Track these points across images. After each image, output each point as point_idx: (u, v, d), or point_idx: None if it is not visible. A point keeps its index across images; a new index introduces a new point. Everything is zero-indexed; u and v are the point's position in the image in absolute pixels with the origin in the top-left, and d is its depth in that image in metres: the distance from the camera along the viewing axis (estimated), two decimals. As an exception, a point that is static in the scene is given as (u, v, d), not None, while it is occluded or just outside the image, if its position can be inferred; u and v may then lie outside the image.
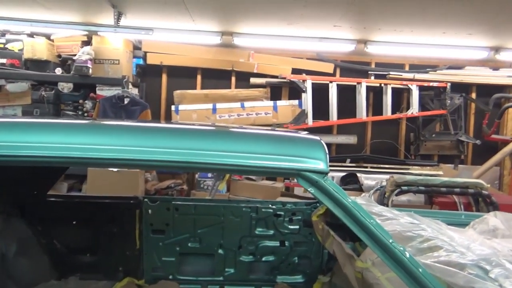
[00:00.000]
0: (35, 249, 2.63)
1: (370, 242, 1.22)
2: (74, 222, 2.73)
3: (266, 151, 1.30)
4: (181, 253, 2.74)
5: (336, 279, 2.58)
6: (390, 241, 1.18)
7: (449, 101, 5.64)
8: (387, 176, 4.55)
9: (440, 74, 5.87)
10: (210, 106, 5.22)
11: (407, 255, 1.16)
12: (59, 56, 4.76)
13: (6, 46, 4.71)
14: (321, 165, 1.28)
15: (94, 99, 4.69)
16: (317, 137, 1.43)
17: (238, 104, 5.26)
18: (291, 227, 2.75)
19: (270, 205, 2.76)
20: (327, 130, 5.70)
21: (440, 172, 5.35)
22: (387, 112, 5.53)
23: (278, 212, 2.75)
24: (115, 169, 4.18)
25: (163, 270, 2.75)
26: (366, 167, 5.39)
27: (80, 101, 4.72)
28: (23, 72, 4.64)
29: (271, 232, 2.76)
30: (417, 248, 1.54)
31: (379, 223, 1.21)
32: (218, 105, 5.22)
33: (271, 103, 5.37)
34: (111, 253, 2.72)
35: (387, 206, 4.31)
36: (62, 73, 4.70)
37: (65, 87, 4.64)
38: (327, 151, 1.33)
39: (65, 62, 4.78)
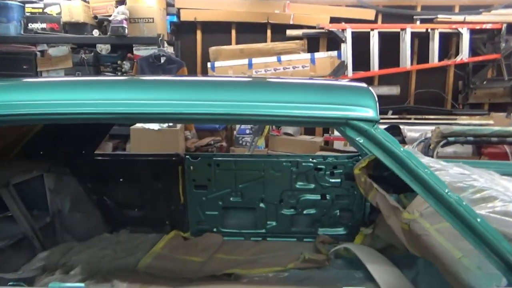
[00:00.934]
0: (87, 205, 2.80)
1: (423, 193, 1.15)
2: (121, 180, 2.85)
3: (311, 100, 1.24)
4: (224, 207, 2.81)
5: (379, 231, 2.56)
6: (446, 191, 1.12)
7: (503, 44, 5.18)
8: (432, 128, 4.36)
9: (494, 14, 5.35)
10: (246, 61, 5.12)
11: (465, 205, 1.09)
12: (95, 17, 4.79)
13: (45, 10, 4.78)
14: (370, 113, 1.20)
15: (132, 59, 4.73)
16: (364, 84, 1.34)
17: (274, 58, 5.12)
18: (333, 180, 2.72)
19: (310, 159, 2.72)
20: (368, 81, 5.35)
21: (491, 122, 5.04)
22: (434, 59, 5.18)
23: (319, 166, 2.71)
24: (156, 128, 4.28)
25: (207, 223, 2.85)
26: (410, 118, 5.17)
27: (119, 62, 4.78)
28: (62, 35, 4.72)
29: (312, 186, 2.74)
30: (469, 199, 1.46)
31: (434, 173, 1.15)
32: (254, 60, 5.11)
33: (308, 55, 5.18)
34: (157, 208, 2.84)
35: (432, 157, 4.16)
36: (99, 34, 4.74)
37: (103, 48, 4.70)
38: (376, 98, 1.25)
39: (101, 23, 4.80)
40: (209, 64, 5.22)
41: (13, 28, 4.69)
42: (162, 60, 4.57)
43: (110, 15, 4.67)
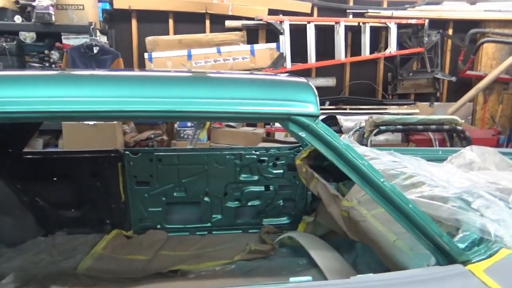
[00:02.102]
0: (17, 207, 2.59)
1: (361, 183, 1.23)
2: (55, 179, 2.67)
3: (253, 96, 1.25)
4: (168, 202, 2.76)
5: (320, 218, 2.68)
6: (382, 180, 1.20)
7: (426, 39, 5.61)
8: (366, 117, 4.62)
9: (418, 10, 5.77)
10: (185, 52, 5.02)
11: (397, 192, 1.19)
12: (17, 2, 4.37)
13: (-44, -7, 4.28)
14: (311, 108, 1.24)
15: (61, 49, 4.41)
16: (305, 80, 1.37)
17: (214, 49, 5.08)
18: (275, 171, 2.79)
19: (253, 151, 2.76)
20: (306, 73, 5.62)
21: (417, 111, 5.46)
22: (366, 52, 5.48)
23: (262, 158, 2.76)
24: (91, 123, 4.05)
25: (150, 220, 2.78)
26: (345, 109, 5.43)
27: (46, 51, 4.42)
28: (-23, 22, 4.27)
29: (256, 177, 2.79)
30: (401, 185, 1.58)
31: (371, 164, 1.22)
32: (193, 51, 5.02)
33: (248, 47, 5.21)
34: (96, 207, 2.72)
35: (367, 146, 4.42)
36: (22, 21, 4.34)
37: (27, 36, 4.32)
38: (316, 93, 1.29)
39: (24, 9, 4.40)
40: (146, 55, 5.04)
41: None
42: (95, 50, 4.32)
43: (34, 0, 4.30)
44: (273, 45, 5.27)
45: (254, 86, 1.31)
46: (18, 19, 4.33)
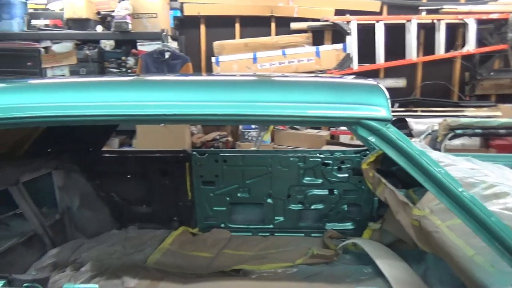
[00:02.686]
0: (96, 202, 2.81)
1: (437, 192, 1.14)
2: (128, 176, 2.86)
3: (322, 100, 1.22)
4: (232, 202, 2.81)
5: (387, 226, 2.55)
6: (460, 190, 1.11)
7: (511, 34, 5.11)
8: (439, 120, 4.32)
9: (501, 4, 5.28)
10: (250, 55, 5.09)
11: (479, 204, 1.08)
12: (99, 13, 4.77)
13: (47, 6, 4.77)
14: (382, 112, 1.18)
15: (136, 55, 4.71)
16: (375, 82, 1.32)
17: (279, 52, 5.09)
18: (340, 175, 2.71)
19: (317, 154, 2.72)
20: (373, 74, 5.40)
21: (498, 113, 5.00)
22: (440, 50, 5.13)
23: (326, 161, 2.71)
24: (161, 124, 4.27)
25: (215, 219, 2.85)
26: (416, 111, 5.13)
27: (123, 57, 4.76)
28: (65, 31, 4.71)
29: (320, 181, 2.74)
30: (481, 195, 1.45)
31: (448, 171, 1.13)
32: (259, 54, 5.08)
33: (313, 48, 5.14)
34: (165, 204, 2.85)
35: (440, 151, 4.14)
36: (102, 30, 4.72)
37: (107, 44, 4.69)
38: (388, 97, 1.23)
39: (104, 19, 4.78)
40: (213, 59, 5.20)
41: (16, 24, 4.68)
42: (167, 55, 4.55)
43: (113, 11, 4.64)
44: (339, 46, 5.15)
45: (322, 89, 1.28)
46: (99, 28, 4.71)
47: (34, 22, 4.70)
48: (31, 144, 2.62)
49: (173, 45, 5.12)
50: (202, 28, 5.60)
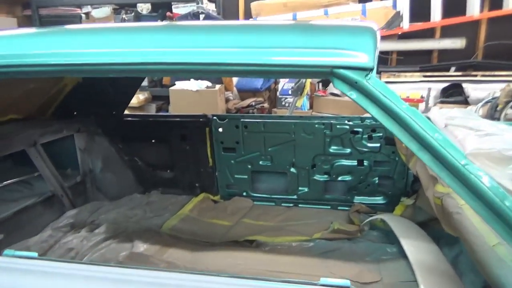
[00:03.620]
0: (118, 165, 2.83)
1: (433, 163, 0.91)
2: (152, 141, 2.83)
3: (287, 45, 0.97)
4: (253, 171, 2.70)
5: (422, 202, 2.29)
6: (463, 162, 0.85)
7: None
8: (502, 86, 3.80)
9: None
10: (290, 16, 4.78)
11: (488, 182, 0.83)
12: (135, -24, 4.71)
13: (88, -29, 4.79)
14: (361, 58, 0.91)
15: (171, 18, 4.62)
16: (365, 24, 1.04)
17: (321, 11, 4.71)
18: (371, 145, 2.46)
19: (346, 121, 2.47)
20: (427, 34, 4.84)
21: None
22: (509, 4, 4.42)
23: (356, 129, 2.46)
24: (194, 89, 4.20)
25: (236, 187, 2.77)
26: (476, 75, 4.55)
27: (159, 21, 4.69)
28: (105, -4, 4.72)
29: (348, 150, 2.51)
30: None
31: (448, 138, 0.87)
32: (299, 15, 4.74)
33: (359, 6, 4.69)
34: (187, 170, 2.80)
35: (499, 120, 3.66)
36: (140, -7, 4.67)
37: (144, 8, 4.63)
38: (376, 39, 0.96)
39: (141, -18, 4.72)
40: (251, 20, 4.95)
41: (59, -10, 4.78)
42: (201, 18, 4.40)
43: (150, -27, 4.55)
44: (389, 2, 4.64)
45: (290, 33, 1.04)
46: (136, -9, 4.66)
47: (75, -13, 4.76)
48: (56, 107, 2.66)
49: (211, 6, 4.94)
50: (241, -12, 5.34)
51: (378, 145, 2.46)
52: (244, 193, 2.78)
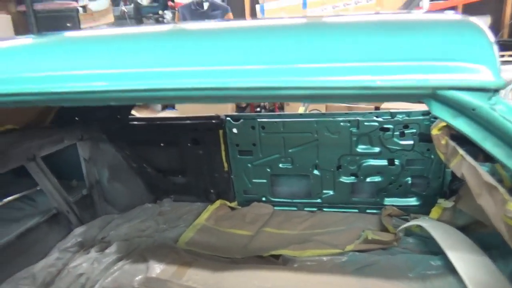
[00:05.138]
0: (127, 173, 2.62)
1: None
2: (161, 144, 2.61)
3: (356, 57, 0.66)
4: (272, 174, 2.48)
5: (463, 205, 2.05)
6: None
7: None
8: (534, 66, 3.52)
9: None
10: (299, 0, 4.48)
11: None
12: (132, -36, 4.43)
13: (82, -39, 4.50)
14: (482, 73, 0.62)
15: (173, 7, 4.34)
16: (466, 18, 0.76)
17: (333, -8, 4.41)
18: (403, 142, 2.23)
19: (374, 117, 2.23)
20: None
21: None
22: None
23: (386, 126, 2.22)
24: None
25: (255, 192, 2.57)
26: (503, 56, 4.25)
27: (160, 12, 4.42)
28: (102, -13, 4.45)
29: (377, 149, 2.28)
30: None
31: None
32: (308, -2, 4.45)
33: (374, -14, 4.38)
34: (200, 175, 2.60)
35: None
36: (139, -17, 4.40)
37: (144, -2, 4.36)
38: (493, 42, 0.68)
39: (140, -30, 4.44)
40: (258, 7, 4.66)
41: (53, -17, 4.51)
42: (205, 6, 4.13)
43: (149, -39, 4.27)
44: (406, -19, 4.33)
45: (360, 39, 0.70)
46: (135, -20, 4.39)
47: (70, -21, 4.49)
48: (56, 114, 2.44)
49: (214, -6, 4.65)
50: (246, -28, 5.04)
51: (411, 142, 2.23)
52: (263, 198, 2.58)
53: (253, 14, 4.87)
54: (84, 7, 4.49)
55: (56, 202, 2.16)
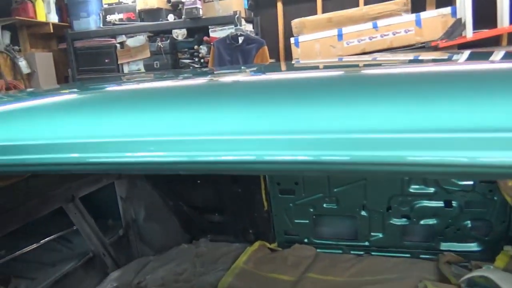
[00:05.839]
0: (163, 212, 2.54)
1: None
2: (198, 182, 2.52)
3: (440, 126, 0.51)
4: (316, 214, 2.33)
5: (536, 253, 1.84)
6: None
7: None
8: None
9: None
10: (335, 32, 4.42)
11: None
12: (169, 1, 4.52)
13: (121, 0, 4.65)
14: None
15: (208, 42, 4.37)
16: None
17: (369, 25, 4.32)
18: (462, 182, 2.04)
19: (429, 155, 2.06)
20: (493, 42, 4.32)
21: None
22: None
23: (441, 164, 2.04)
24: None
25: (296, 233, 2.42)
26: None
27: (195, 47, 4.46)
28: (137, 24, 4.56)
29: (432, 189, 2.11)
30: None
31: None
32: (345, 30, 4.38)
33: (412, 16, 4.27)
34: (238, 215, 2.48)
35: None
36: (174, 19, 4.47)
37: (179, 34, 4.42)
38: None
39: (176, 7, 4.52)
40: (292, 40, 4.63)
41: (93, 22, 4.67)
42: (240, 40, 4.13)
43: (184, -2, 4.35)
44: (447, 10, 4.19)
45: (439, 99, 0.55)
46: (171, 17, 4.47)
47: (109, 17, 4.64)
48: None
49: (248, 28, 4.67)
50: (279, 5, 5.05)
51: (471, 182, 2.03)
52: (306, 240, 2.42)
53: (287, 47, 4.84)
54: (121, 43, 4.61)
55: (93, 245, 2.08)
